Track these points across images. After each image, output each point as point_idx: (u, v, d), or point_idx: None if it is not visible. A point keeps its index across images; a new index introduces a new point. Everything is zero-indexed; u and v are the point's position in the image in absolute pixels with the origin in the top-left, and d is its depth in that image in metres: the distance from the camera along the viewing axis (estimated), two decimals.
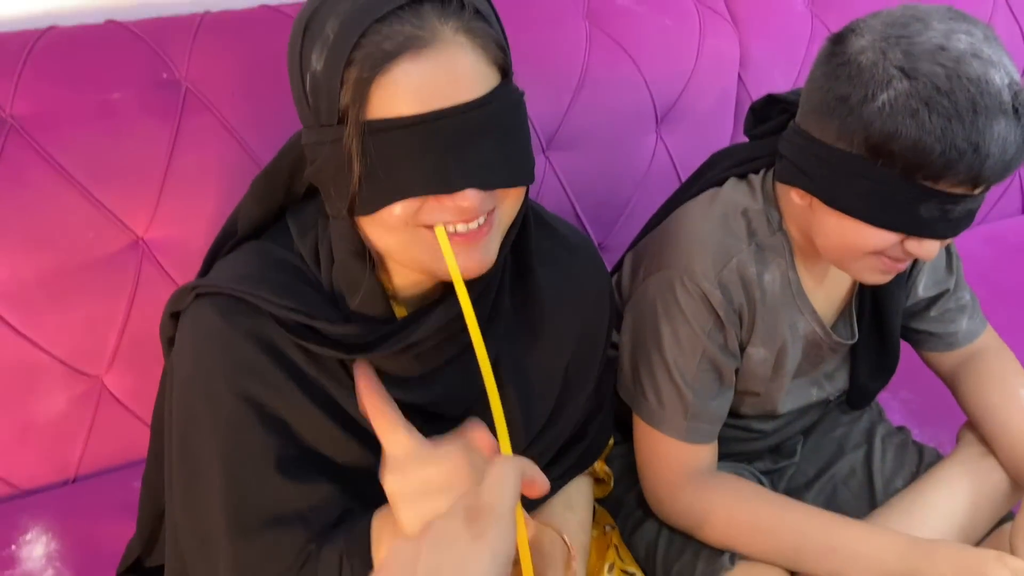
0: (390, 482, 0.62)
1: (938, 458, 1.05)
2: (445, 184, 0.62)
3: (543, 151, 1.19)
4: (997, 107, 0.73)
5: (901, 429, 1.12)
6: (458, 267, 0.64)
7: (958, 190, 0.76)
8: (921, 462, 1.06)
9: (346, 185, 0.62)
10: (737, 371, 0.94)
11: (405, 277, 0.72)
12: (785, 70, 1.31)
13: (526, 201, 0.72)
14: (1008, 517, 0.98)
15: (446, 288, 0.70)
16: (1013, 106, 0.74)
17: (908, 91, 0.73)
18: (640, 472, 0.96)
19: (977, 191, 0.77)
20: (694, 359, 0.90)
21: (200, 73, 0.98)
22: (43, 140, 0.92)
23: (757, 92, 1.30)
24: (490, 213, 0.66)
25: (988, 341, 1.05)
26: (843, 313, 0.99)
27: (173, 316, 0.73)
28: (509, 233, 0.71)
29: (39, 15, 1.01)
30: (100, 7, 1.03)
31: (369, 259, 0.69)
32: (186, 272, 1.00)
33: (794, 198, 0.86)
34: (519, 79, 0.67)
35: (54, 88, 0.92)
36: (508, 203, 0.68)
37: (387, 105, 0.60)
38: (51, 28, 0.97)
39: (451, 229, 0.65)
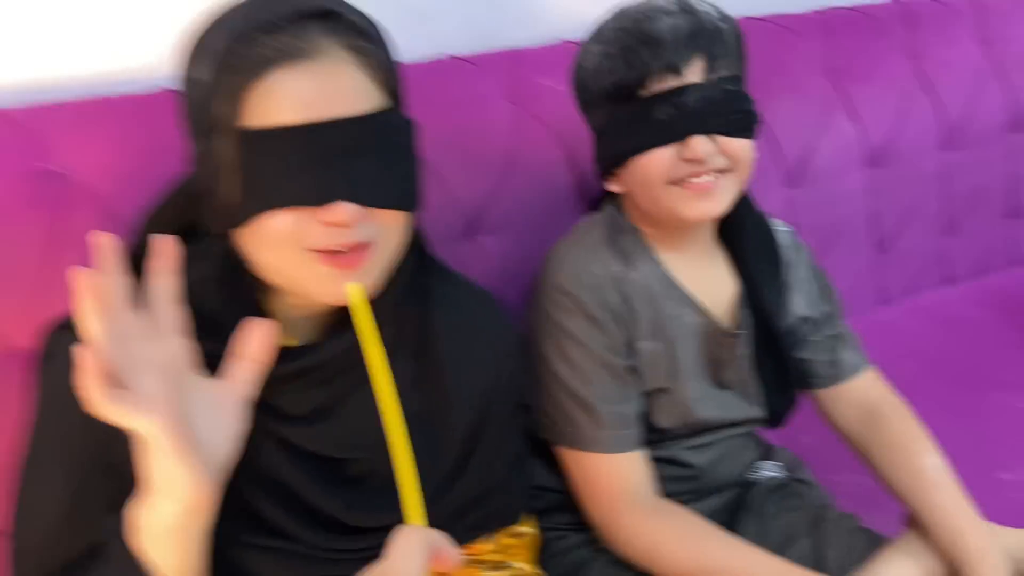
0: None
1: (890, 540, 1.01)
2: (317, 195, 0.61)
3: (469, 235, 1.14)
4: (659, 12, 0.86)
5: (850, 515, 1.07)
6: (341, 294, 0.63)
7: (669, 82, 0.84)
8: (873, 549, 1.01)
9: (222, 195, 0.62)
10: (635, 369, 0.93)
11: (295, 306, 0.69)
12: None
13: (420, 242, 0.71)
14: None
15: (339, 321, 0.68)
16: (678, 6, 0.86)
17: (600, 49, 0.89)
18: (582, 504, 0.94)
19: (686, 74, 0.84)
20: (585, 364, 0.90)
21: (86, 163, 0.89)
22: None
23: None
24: (370, 243, 0.64)
25: (884, 397, 1.04)
26: (735, 313, 0.99)
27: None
28: (398, 274, 0.69)
29: None
30: None
31: (253, 283, 0.67)
32: None
33: (615, 190, 0.93)
34: (443, 162, 0.65)
35: None
36: (390, 231, 0.66)
37: (263, 113, 0.60)
38: None
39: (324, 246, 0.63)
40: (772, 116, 1.34)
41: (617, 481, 0.91)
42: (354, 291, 0.63)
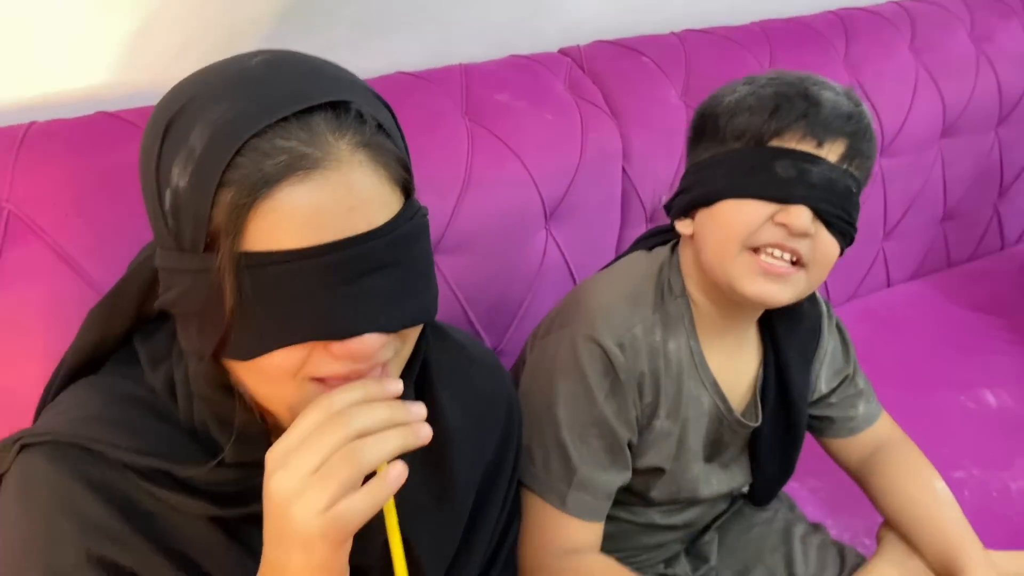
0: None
1: (859, 558, 1.02)
2: (337, 328, 0.52)
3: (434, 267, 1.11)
4: (825, 84, 0.84)
5: (818, 527, 1.09)
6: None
7: (806, 146, 0.80)
8: (844, 564, 1.02)
9: (213, 324, 0.52)
10: (631, 446, 0.89)
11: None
12: (666, 160, 1.29)
13: (425, 328, 0.62)
14: None
15: None
16: (846, 93, 0.84)
17: (749, 89, 0.85)
18: (519, 545, 0.86)
19: (825, 150, 0.81)
20: (587, 420, 0.85)
21: (26, 193, 0.83)
22: None
23: (641, 183, 1.27)
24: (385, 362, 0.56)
25: (891, 432, 1.04)
26: (750, 399, 0.96)
27: None
28: (405, 366, 0.61)
29: None
30: None
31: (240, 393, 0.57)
32: (16, 428, 0.83)
33: (682, 231, 0.89)
34: None
35: None
36: (407, 344, 0.59)
37: (268, 236, 0.50)
38: None
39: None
40: None
41: (557, 538, 0.85)
42: None
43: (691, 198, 0.86)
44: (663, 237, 0.96)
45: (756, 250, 0.82)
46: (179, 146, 0.51)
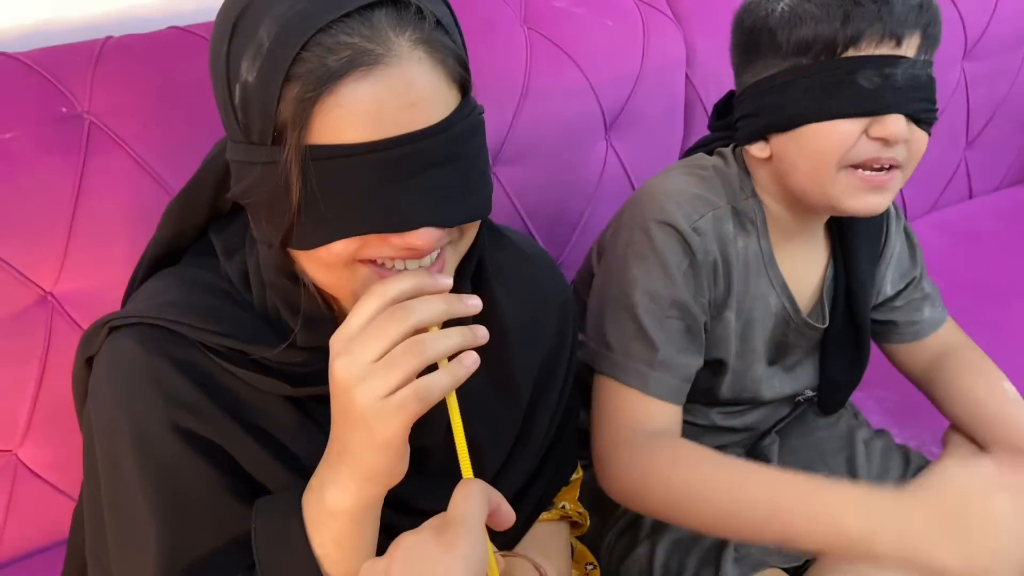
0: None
1: (924, 461, 1.02)
2: (397, 221, 0.55)
3: (490, 167, 1.12)
4: None
5: (881, 432, 1.08)
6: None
7: (886, 48, 0.76)
8: (908, 466, 1.02)
9: (281, 214, 0.55)
10: (707, 331, 0.89)
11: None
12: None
13: (481, 226, 0.64)
14: None
15: None
16: None
17: None
18: (591, 433, 0.87)
19: (904, 47, 0.76)
20: (665, 302, 0.85)
21: (105, 105, 0.87)
22: None
23: (705, 91, 1.25)
24: (442, 249, 0.59)
25: (956, 337, 1.02)
26: (816, 301, 0.95)
27: (88, 362, 0.64)
28: (462, 260, 0.63)
29: None
30: None
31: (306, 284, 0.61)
32: None
33: (756, 155, 0.85)
34: None
35: None
36: (465, 238, 0.61)
37: (332, 130, 0.52)
38: None
39: (400, 266, 0.57)
40: None
41: (637, 420, 0.84)
42: None
43: (765, 123, 0.82)
44: (722, 143, 0.94)
45: (857, 165, 0.79)
46: (247, 42, 0.53)
